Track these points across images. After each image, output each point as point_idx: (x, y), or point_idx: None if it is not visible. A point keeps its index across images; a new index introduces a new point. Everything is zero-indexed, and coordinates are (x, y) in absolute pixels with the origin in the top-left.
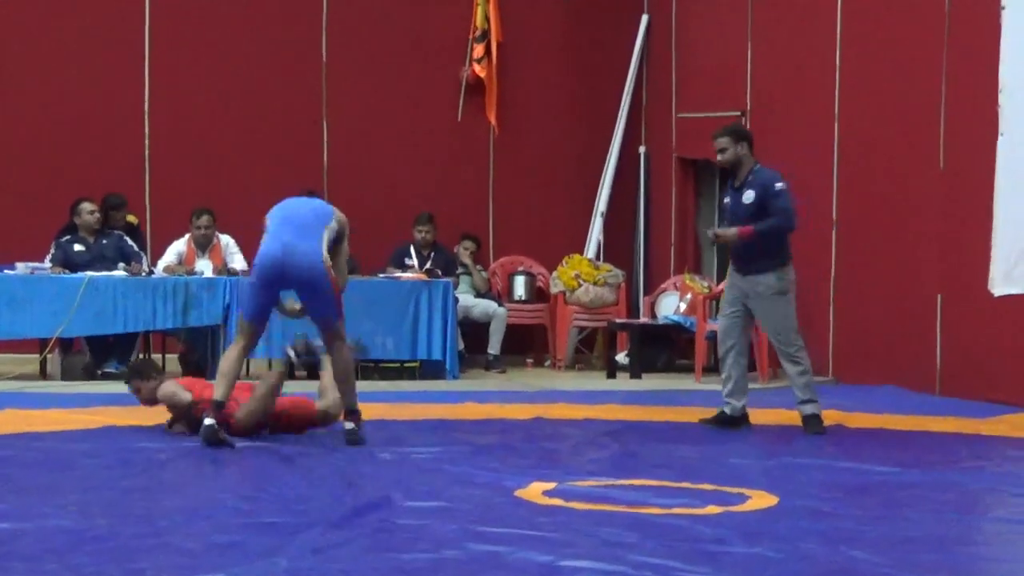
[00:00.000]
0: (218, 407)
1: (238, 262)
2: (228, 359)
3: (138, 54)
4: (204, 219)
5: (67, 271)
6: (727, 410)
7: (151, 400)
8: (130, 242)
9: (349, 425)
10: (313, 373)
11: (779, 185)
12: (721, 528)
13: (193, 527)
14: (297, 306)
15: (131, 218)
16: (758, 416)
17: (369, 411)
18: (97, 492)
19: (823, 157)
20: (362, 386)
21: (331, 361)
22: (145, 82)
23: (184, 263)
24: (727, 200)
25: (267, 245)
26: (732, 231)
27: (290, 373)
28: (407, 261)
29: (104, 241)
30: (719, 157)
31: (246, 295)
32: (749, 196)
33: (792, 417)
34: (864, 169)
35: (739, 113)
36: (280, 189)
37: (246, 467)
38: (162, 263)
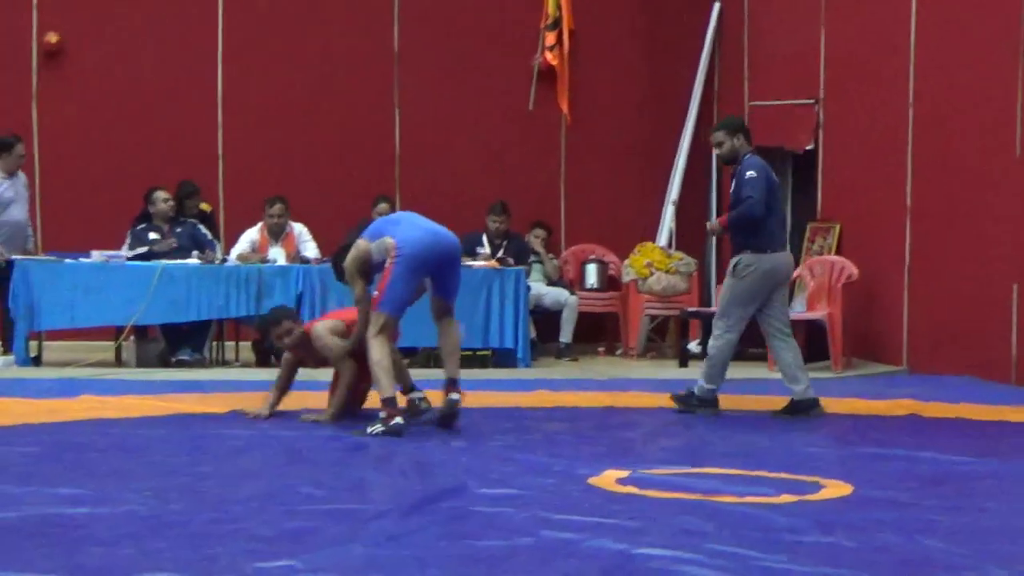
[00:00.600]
0: (392, 403)
1: (311, 250)
2: (386, 355)
3: (212, 43)
4: (277, 207)
5: (162, 247)
6: (794, 396)
7: (294, 345)
8: (204, 230)
9: (455, 396)
10: None
11: (749, 174)
12: (795, 517)
13: (267, 513)
14: None
15: (204, 206)
16: (831, 405)
17: (442, 399)
18: (172, 478)
19: (897, 144)
20: (434, 374)
21: (449, 332)
22: (219, 71)
23: (257, 251)
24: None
25: (414, 234)
26: (715, 222)
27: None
28: (479, 250)
29: (178, 229)
30: (716, 151)
31: (396, 291)
32: (734, 184)
33: (867, 407)
34: (939, 156)
35: (812, 101)
36: (352, 178)
37: (319, 454)
38: (235, 251)
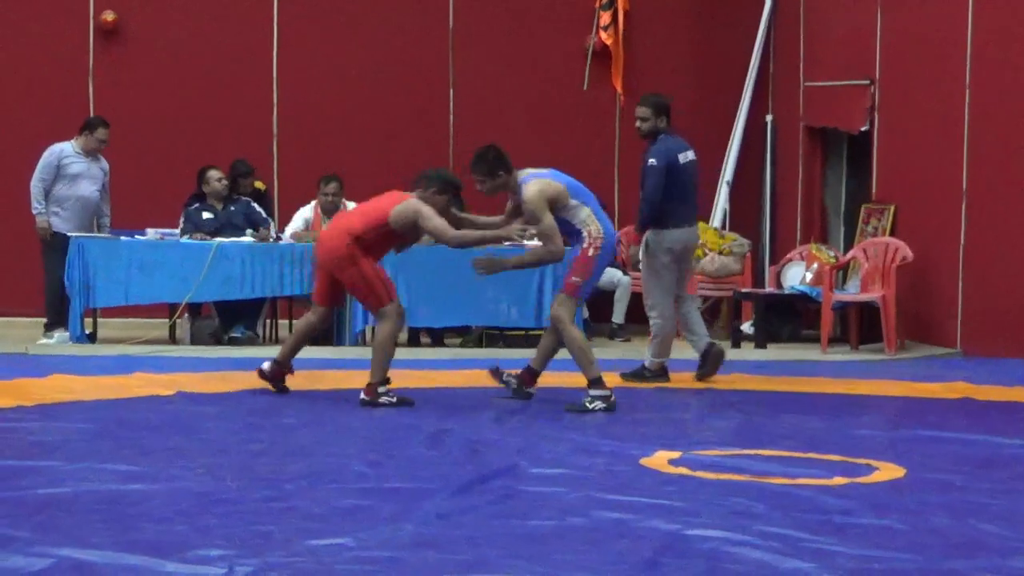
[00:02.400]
0: (602, 382)
1: None
2: (583, 337)
3: (267, 21)
4: (332, 186)
5: (206, 236)
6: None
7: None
8: (258, 208)
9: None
10: None
11: (651, 161)
12: (848, 499)
13: (319, 491)
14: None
15: (259, 184)
16: (886, 387)
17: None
18: (225, 455)
19: (953, 126)
20: (487, 354)
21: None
22: (274, 50)
23: (311, 229)
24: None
25: (608, 228)
26: (634, 250)
27: None
28: (529, 231)
29: (232, 208)
30: (639, 125)
31: (593, 283)
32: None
33: (920, 389)
34: (995, 137)
35: (868, 82)
36: (407, 157)
37: (371, 432)
38: (289, 229)
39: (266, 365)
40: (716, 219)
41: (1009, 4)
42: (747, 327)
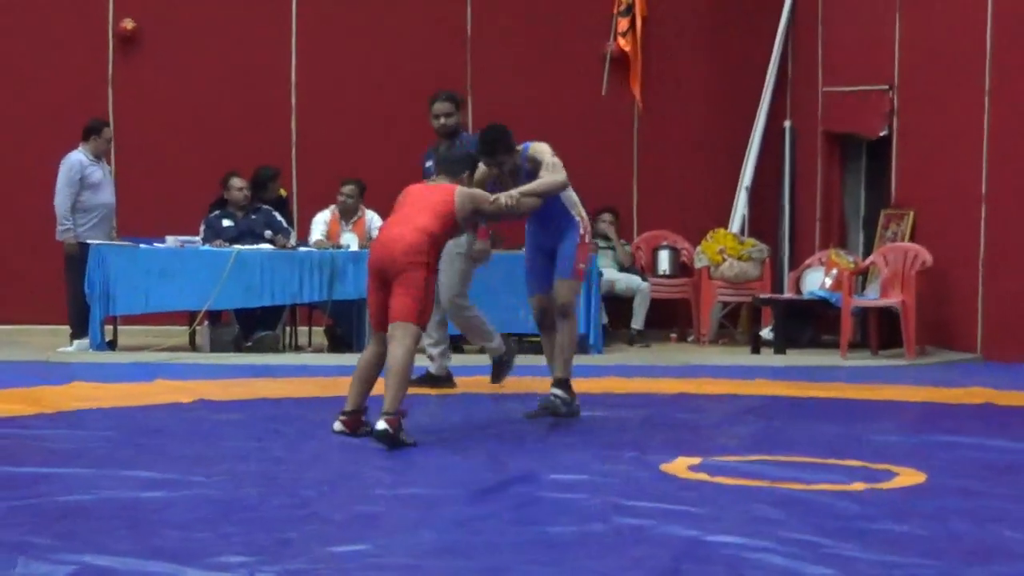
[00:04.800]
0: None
1: None
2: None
3: (285, 28)
4: (348, 188)
5: (225, 244)
6: (432, 369)
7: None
8: (279, 217)
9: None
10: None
11: None
12: (868, 505)
13: (339, 498)
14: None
15: (281, 191)
16: (906, 393)
17: (513, 384)
18: (245, 462)
19: (973, 130)
20: (521, 360)
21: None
22: (292, 56)
23: (329, 236)
24: (428, 164)
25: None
26: (480, 245)
27: None
28: None
29: (253, 216)
30: (443, 121)
31: (590, 265)
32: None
33: (940, 395)
34: (1015, 142)
35: (886, 87)
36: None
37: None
38: (313, 238)
39: (337, 425)
40: (735, 224)
41: None
42: (766, 333)
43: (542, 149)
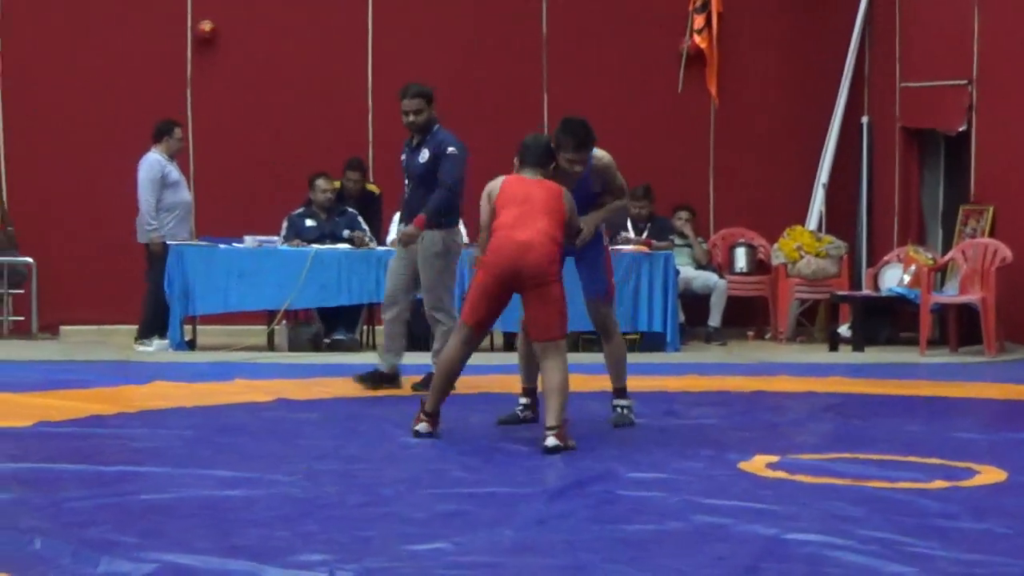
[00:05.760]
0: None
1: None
2: None
3: (361, 29)
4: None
5: (304, 244)
6: (383, 368)
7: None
8: (362, 223)
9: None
10: None
11: (451, 149)
12: (948, 503)
13: (417, 496)
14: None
15: (372, 187)
16: (986, 390)
17: (591, 383)
18: (324, 461)
19: None
20: (582, 358)
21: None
22: (368, 57)
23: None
24: (403, 156)
25: None
26: (411, 228)
27: None
28: (622, 234)
29: (337, 219)
30: (412, 119)
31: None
32: (424, 155)
33: (1021, 392)
34: None
35: (965, 82)
36: (502, 163)
37: (469, 439)
38: (389, 238)
39: (422, 426)
40: (812, 221)
41: None
42: (844, 330)
43: (611, 166)
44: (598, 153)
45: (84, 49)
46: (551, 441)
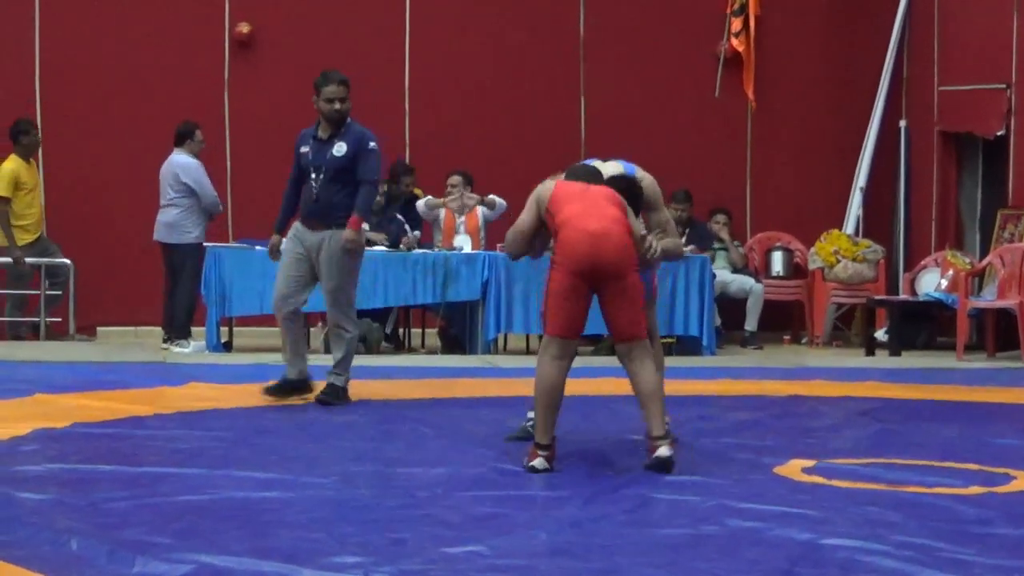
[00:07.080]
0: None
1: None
2: None
3: (399, 32)
4: (454, 179)
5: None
6: (291, 375)
7: None
8: (408, 229)
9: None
10: None
11: (372, 144)
12: (985, 509)
13: (453, 499)
14: None
15: (417, 191)
16: (1023, 395)
17: (625, 386)
18: (360, 463)
19: None
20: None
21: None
22: (406, 60)
23: (444, 235)
24: (305, 149)
25: None
26: (349, 232)
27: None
28: None
29: (389, 225)
30: (339, 107)
31: None
32: (341, 148)
33: None
34: None
35: (1004, 86)
36: (537, 168)
37: (504, 442)
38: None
39: (540, 462)
40: (849, 225)
41: None
42: (881, 334)
43: (658, 196)
44: (640, 174)
45: (122, 51)
46: (664, 451)
